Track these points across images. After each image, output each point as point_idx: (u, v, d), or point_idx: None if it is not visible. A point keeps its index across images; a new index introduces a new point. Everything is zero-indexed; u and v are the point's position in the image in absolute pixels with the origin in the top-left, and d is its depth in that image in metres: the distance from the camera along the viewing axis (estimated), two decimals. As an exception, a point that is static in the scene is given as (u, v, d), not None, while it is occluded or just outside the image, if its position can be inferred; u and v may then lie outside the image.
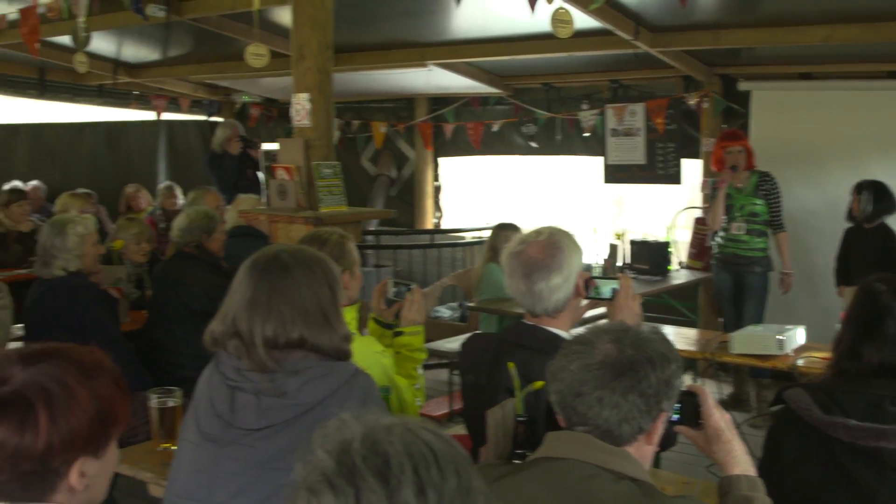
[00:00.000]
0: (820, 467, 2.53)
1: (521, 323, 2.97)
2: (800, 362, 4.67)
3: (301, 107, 4.64)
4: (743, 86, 8.30)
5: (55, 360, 1.71)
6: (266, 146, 10.41)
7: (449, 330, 7.35)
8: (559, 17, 4.86)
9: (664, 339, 2.07)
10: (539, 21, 5.97)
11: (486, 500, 1.20)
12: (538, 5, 4.82)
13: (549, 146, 9.70)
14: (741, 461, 2.20)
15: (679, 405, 2.20)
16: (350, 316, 3.47)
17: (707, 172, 8.21)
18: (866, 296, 2.69)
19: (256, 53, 5.40)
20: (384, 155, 10.97)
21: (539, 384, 2.70)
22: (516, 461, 2.53)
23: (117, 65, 9.89)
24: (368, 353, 3.32)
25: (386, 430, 1.20)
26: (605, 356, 1.98)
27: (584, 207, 10.43)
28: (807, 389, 2.63)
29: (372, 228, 10.32)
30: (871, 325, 2.61)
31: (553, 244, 2.88)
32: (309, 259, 2.56)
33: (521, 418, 2.64)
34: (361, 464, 1.15)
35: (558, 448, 1.99)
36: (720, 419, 2.24)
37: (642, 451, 2.03)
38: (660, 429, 2.05)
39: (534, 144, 9.78)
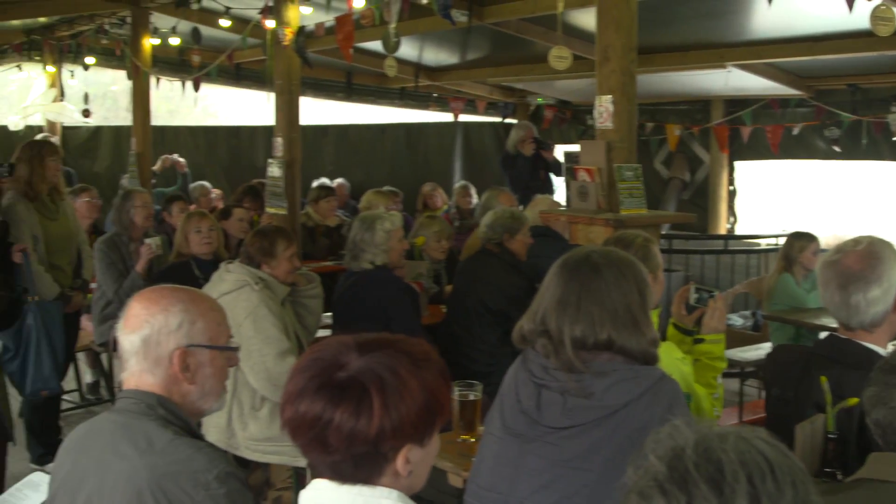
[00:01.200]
0: None
1: (835, 336, 2.85)
2: None
3: (604, 109, 4.65)
4: None
5: (389, 349, 1.80)
6: (567, 147, 10.50)
7: (740, 339, 7.13)
8: (880, 15, 4.61)
9: None
10: (847, 19, 5.68)
11: None
12: (856, 2, 4.60)
13: (854, 151, 9.21)
14: None
15: None
16: (652, 320, 3.45)
17: None
18: None
19: (559, 56, 5.46)
20: (677, 158, 10.81)
21: (853, 401, 2.58)
22: (825, 479, 2.44)
23: (418, 68, 10.32)
24: (669, 359, 3.28)
25: (719, 437, 1.19)
26: None
27: (893, 216, 9.85)
28: None
29: (664, 232, 10.19)
30: None
31: (872, 254, 2.74)
32: (619, 261, 2.56)
33: (831, 435, 2.55)
34: (694, 471, 1.14)
35: (882, 470, 1.89)
36: None
37: None
38: None
39: (837, 149, 9.32)
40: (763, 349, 6.06)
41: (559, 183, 9.55)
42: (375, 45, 8.14)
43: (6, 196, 5.53)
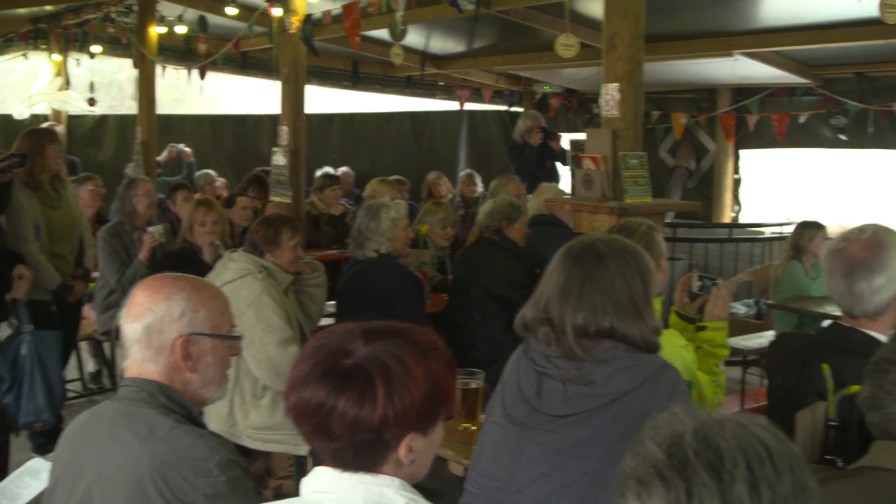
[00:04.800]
0: None
1: (838, 324, 2.85)
2: None
3: (610, 97, 4.64)
4: None
5: (395, 338, 1.80)
6: (572, 136, 10.49)
7: (743, 327, 7.13)
8: (889, 2, 4.58)
9: None
10: (855, 7, 5.67)
11: (819, 502, 1.17)
12: (864, -10, 4.59)
13: (861, 139, 9.18)
14: None
15: None
16: (655, 308, 3.45)
17: None
18: None
19: (566, 44, 5.45)
20: (683, 146, 10.78)
21: (855, 388, 2.58)
22: (826, 466, 2.44)
23: (425, 57, 10.30)
24: (672, 347, 3.27)
25: (718, 424, 1.19)
26: None
27: (898, 205, 9.84)
28: None
29: (668, 221, 10.18)
30: None
31: (877, 242, 2.74)
32: (623, 249, 2.56)
33: (832, 423, 2.54)
34: (693, 457, 1.14)
35: (884, 458, 1.89)
36: None
37: None
38: None
39: (843, 137, 9.29)
40: (766, 337, 6.05)
41: (565, 172, 9.53)
42: (382, 34, 8.13)
43: None
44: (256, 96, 13.05)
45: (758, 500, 1.11)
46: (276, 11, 7.55)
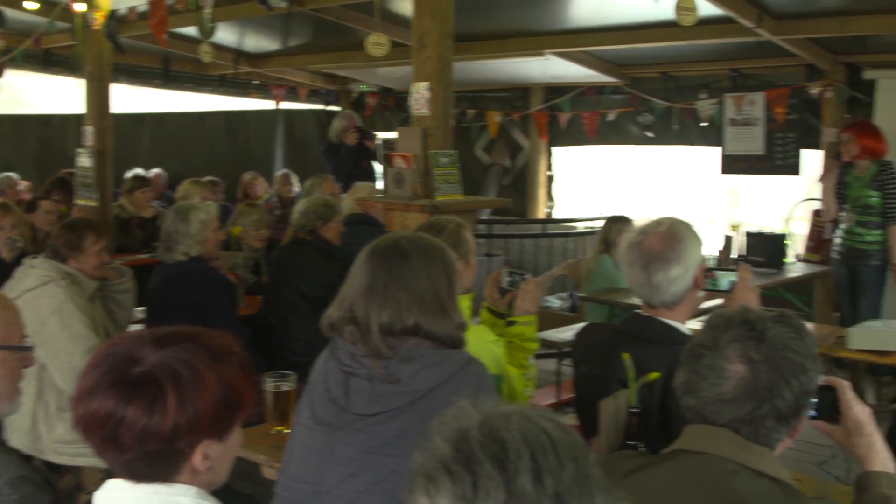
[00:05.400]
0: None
1: (638, 314, 2.94)
2: (923, 360, 4.52)
3: (420, 96, 4.66)
4: (868, 74, 8.07)
5: (187, 343, 1.75)
6: (383, 135, 10.51)
7: (558, 320, 7.30)
8: (683, 5, 4.78)
9: (796, 335, 1.96)
10: (658, 9, 5.88)
11: (604, 488, 1.19)
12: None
13: (666, 136, 9.57)
14: (882, 456, 2.14)
15: (816, 400, 2.11)
16: (464, 305, 3.47)
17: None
18: None
19: (377, 43, 5.46)
20: (498, 144, 10.96)
21: (654, 375, 2.67)
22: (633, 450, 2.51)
23: (239, 55, 10.12)
24: (481, 342, 3.32)
25: (503, 417, 1.19)
26: (738, 381, 1.90)
27: (700, 198, 10.27)
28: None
29: (484, 218, 10.33)
30: None
31: (673, 235, 2.84)
32: (428, 247, 2.56)
33: (634, 410, 2.62)
34: (479, 451, 1.15)
35: (697, 442, 1.95)
36: (861, 412, 2.17)
37: (781, 448, 1.98)
38: (800, 429, 1.99)
39: (650, 134, 9.66)
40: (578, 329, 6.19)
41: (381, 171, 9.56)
42: (192, 31, 7.93)
43: None
44: (63, 95, 12.52)
45: (541, 489, 1.12)
46: (79, 7, 7.26)
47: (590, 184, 11.01)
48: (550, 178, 10.91)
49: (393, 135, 10.00)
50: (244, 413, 1.82)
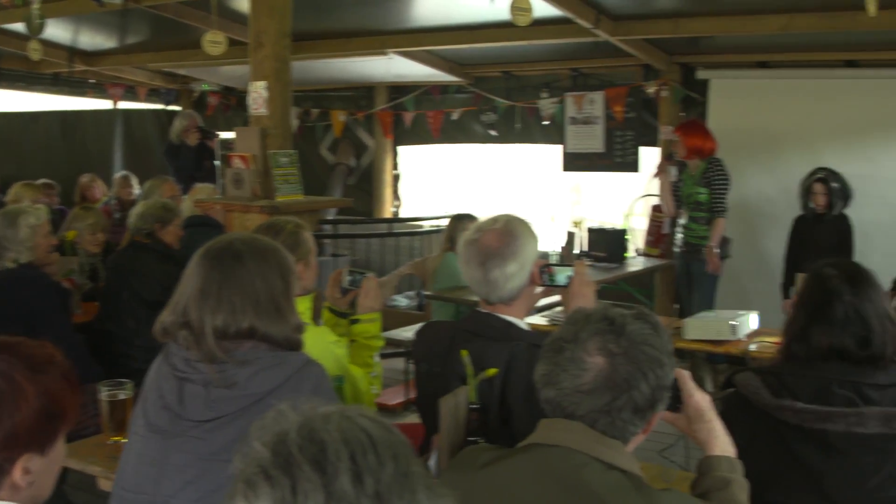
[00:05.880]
0: (769, 450, 2.55)
1: (476, 311, 2.97)
2: (752, 347, 4.70)
3: (258, 95, 4.61)
4: (701, 74, 8.37)
5: (4, 354, 1.68)
6: (226, 135, 10.34)
7: (406, 319, 7.34)
8: (518, 6, 4.85)
9: (653, 331, 2.02)
10: (500, 9, 5.95)
11: (426, 485, 1.18)
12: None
13: (509, 134, 9.71)
14: (722, 441, 2.22)
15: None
16: (304, 306, 3.46)
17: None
18: (816, 280, 2.71)
19: (214, 41, 5.37)
20: (343, 144, 10.92)
21: (492, 371, 2.70)
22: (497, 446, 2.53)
23: (73, 52, 9.77)
24: (321, 344, 3.30)
25: (323, 418, 1.18)
26: (597, 373, 1.94)
27: (543, 195, 10.45)
28: (756, 373, 2.66)
29: (330, 218, 10.29)
30: (821, 309, 2.63)
31: (509, 232, 2.87)
32: (263, 248, 2.53)
33: (473, 406, 2.64)
34: (297, 453, 1.13)
35: (551, 435, 1.98)
36: (702, 399, 2.25)
37: (635, 442, 2.03)
38: (654, 423, 2.05)
39: (493, 133, 9.79)
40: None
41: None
42: (21, 27, 7.62)
43: None
44: None
45: (361, 489, 1.11)
46: None
47: (436, 182, 11.07)
48: (396, 178, 10.93)
49: (232, 135, 9.86)
50: (67, 424, 1.76)
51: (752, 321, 5.00)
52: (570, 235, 7.62)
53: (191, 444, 2.38)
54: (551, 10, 6.49)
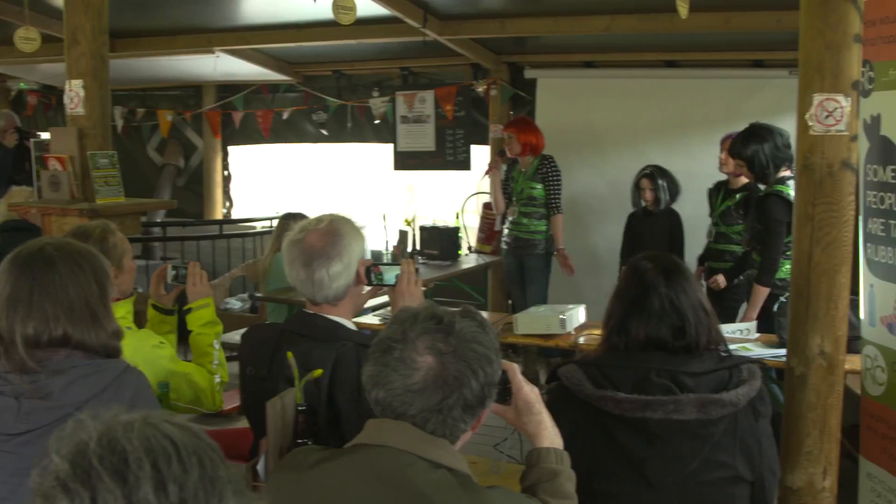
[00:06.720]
0: (594, 440, 2.61)
1: (302, 312, 2.94)
2: (581, 340, 4.80)
3: (75, 94, 4.45)
4: (529, 74, 8.53)
5: None
6: (46, 135, 9.95)
7: (240, 321, 7.20)
8: (341, 4, 4.82)
9: (481, 328, 2.03)
10: (326, 8, 5.88)
11: (236, 490, 1.16)
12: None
13: (340, 134, 9.69)
14: (549, 433, 2.25)
15: None
16: (125, 310, 3.36)
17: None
18: (633, 273, 2.79)
19: (27, 38, 5.16)
20: (171, 144, 10.67)
21: (318, 373, 2.67)
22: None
23: None
24: (145, 348, 3.21)
25: (124, 426, 1.14)
26: (427, 372, 1.93)
27: (376, 194, 10.47)
28: (579, 365, 2.72)
29: (159, 220, 10.04)
30: (638, 301, 2.71)
31: (333, 231, 2.85)
32: (76, 253, 2.43)
33: (301, 407, 2.61)
34: (98, 464, 1.09)
35: (377, 435, 1.97)
36: (530, 392, 2.27)
37: (463, 440, 2.04)
38: (482, 420, 2.06)
39: (324, 132, 9.75)
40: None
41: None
42: None
43: None
44: None
45: (165, 498, 1.08)
46: None
47: (268, 183, 10.95)
48: (227, 178, 10.75)
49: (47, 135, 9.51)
50: None
51: (580, 314, 5.11)
52: (403, 234, 7.64)
53: (3, 460, 2.27)
54: (379, 10, 6.50)
